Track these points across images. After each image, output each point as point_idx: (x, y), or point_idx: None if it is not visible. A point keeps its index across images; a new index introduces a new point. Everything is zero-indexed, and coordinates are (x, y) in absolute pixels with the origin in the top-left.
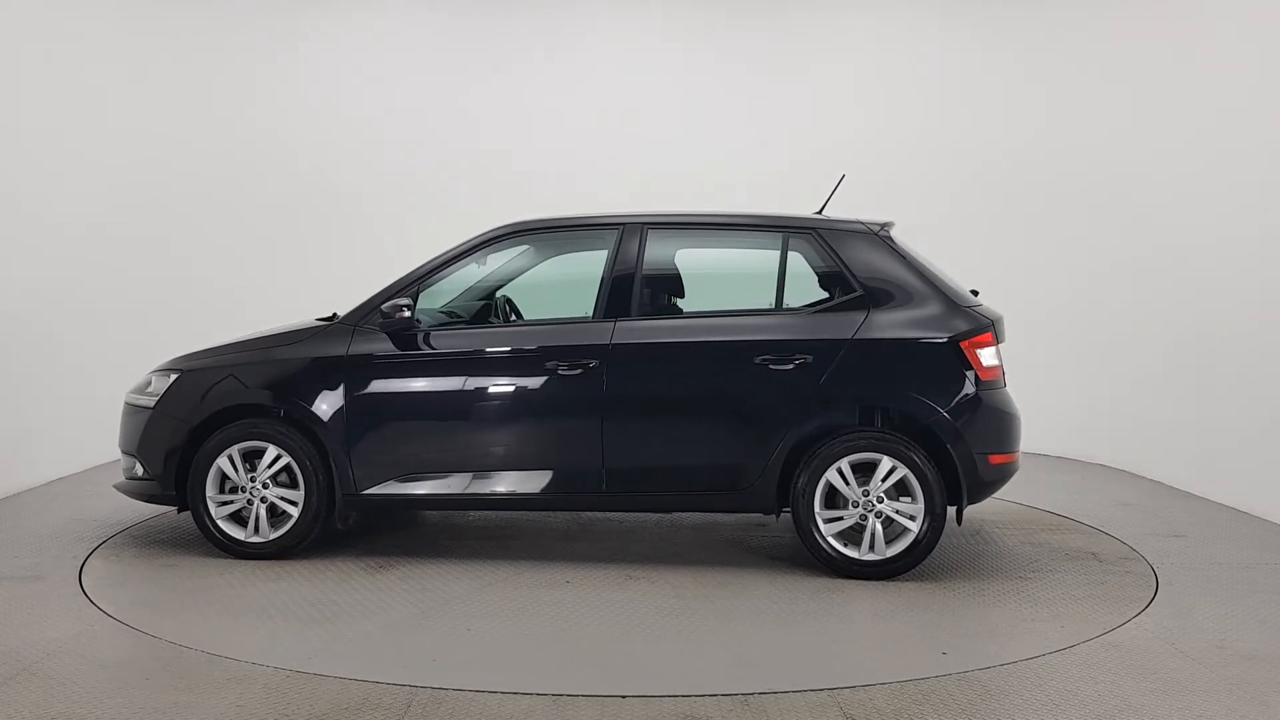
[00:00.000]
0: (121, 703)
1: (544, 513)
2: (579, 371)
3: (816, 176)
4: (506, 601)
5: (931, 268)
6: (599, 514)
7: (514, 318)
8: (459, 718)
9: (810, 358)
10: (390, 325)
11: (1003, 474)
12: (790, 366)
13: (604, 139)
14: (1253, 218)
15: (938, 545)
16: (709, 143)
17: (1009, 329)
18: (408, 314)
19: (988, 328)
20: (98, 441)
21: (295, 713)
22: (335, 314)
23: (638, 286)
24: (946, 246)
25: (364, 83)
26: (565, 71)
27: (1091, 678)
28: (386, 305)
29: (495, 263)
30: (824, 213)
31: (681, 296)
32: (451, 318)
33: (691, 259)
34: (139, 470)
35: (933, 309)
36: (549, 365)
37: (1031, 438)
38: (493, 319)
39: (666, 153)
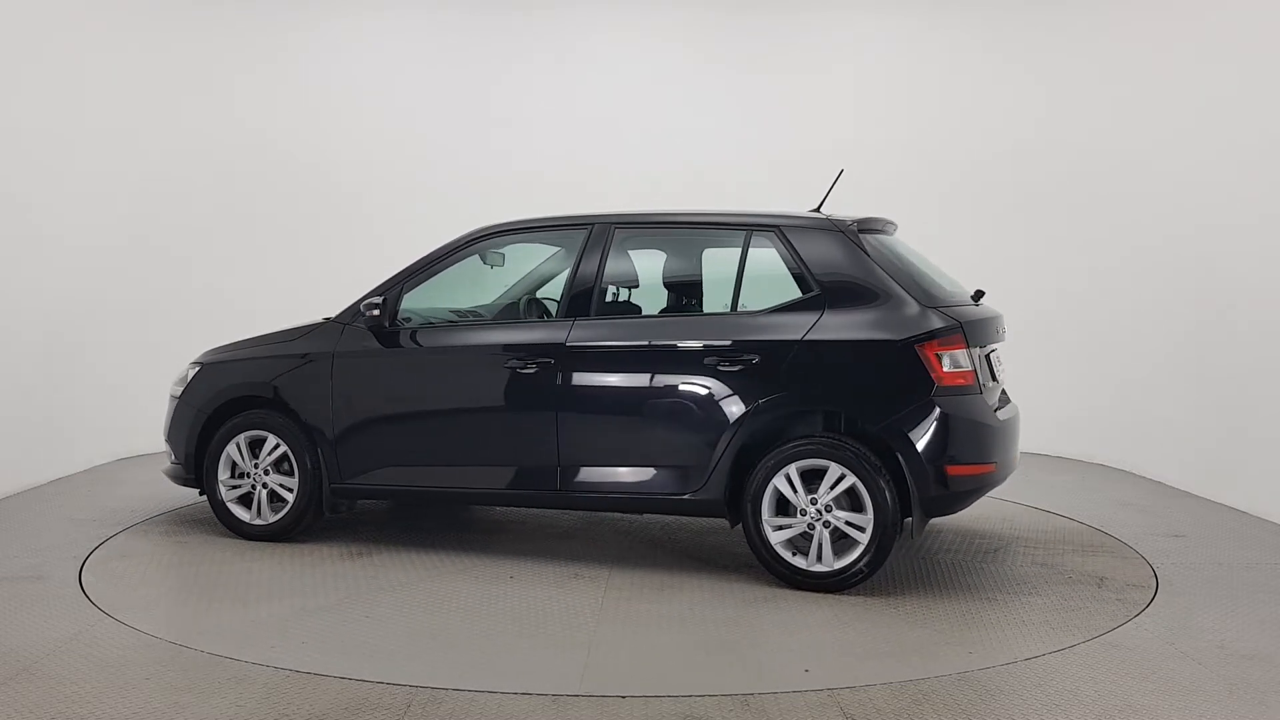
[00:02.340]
0: (121, 703)
1: (548, 510)
2: (534, 370)
3: (819, 174)
4: (432, 593)
5: (908, 267)
6: (603, 515)
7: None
8: (459, 718)
9: (758, 359)
10: (368, 324)
11: (969, 486)
12: (739, 368)
13: (605, 139)
14: (1253, 216)
15: (923, 550)
16: (710, 141)
17: (1009, 328)
18: (377, 313)
19: (955, 330)
20: (97, 441)
21: (295, 713)
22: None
23: (598, 286)
24: (945, 245)
25: (365, 84)
26: (565, 72)
27: (1092, 678)
28: (363, 304)
29: (524, 264)
30: (821, 209)
31: (693, 297)
32: (463, 317)
33: (660, 258)
34: (172, 456)
35: (894, 310)
36: (509, 364)
37: (1031, 438)
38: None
39: (668, 153)
